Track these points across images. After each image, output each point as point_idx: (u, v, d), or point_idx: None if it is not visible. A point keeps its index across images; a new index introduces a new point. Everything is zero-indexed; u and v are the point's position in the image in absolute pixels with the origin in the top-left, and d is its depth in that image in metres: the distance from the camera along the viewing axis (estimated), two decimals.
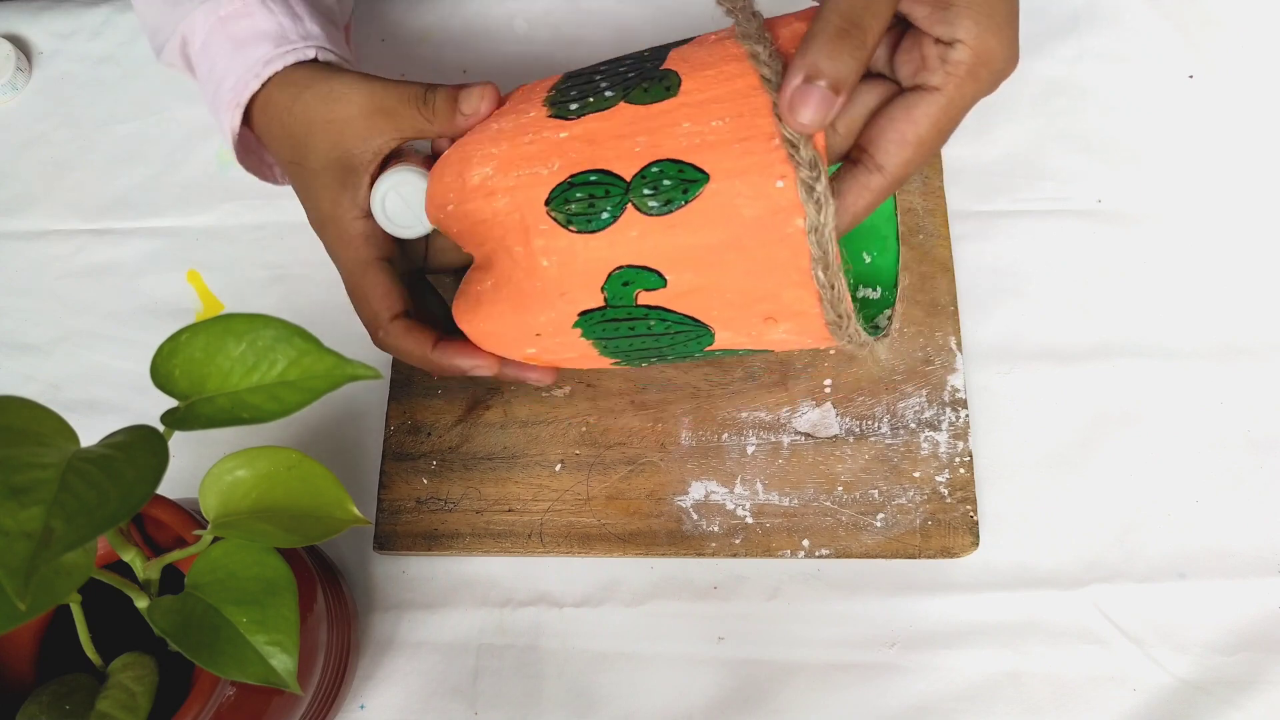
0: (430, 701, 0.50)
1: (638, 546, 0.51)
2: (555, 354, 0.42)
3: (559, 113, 0.38)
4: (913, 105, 0.35)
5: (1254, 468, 0.51)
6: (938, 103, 0.35)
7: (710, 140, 0.35)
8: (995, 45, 0.35)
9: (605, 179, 0.37)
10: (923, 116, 0.35)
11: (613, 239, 0.37)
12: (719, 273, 0.37)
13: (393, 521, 0.52)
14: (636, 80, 0.38)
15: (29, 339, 0.59)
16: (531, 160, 0.38)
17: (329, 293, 0.59)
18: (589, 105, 0.38)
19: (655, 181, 0.36)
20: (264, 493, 0.38)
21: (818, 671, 0.49)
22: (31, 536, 0.27)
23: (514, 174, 0.39)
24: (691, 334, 0.40)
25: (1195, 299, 0.55)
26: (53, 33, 0.67)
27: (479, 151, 0.40)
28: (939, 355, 0.53)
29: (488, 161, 0.39)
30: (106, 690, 0.37)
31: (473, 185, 0.39)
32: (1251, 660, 0.48)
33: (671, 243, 0.37)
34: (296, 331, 0.34)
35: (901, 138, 0.35)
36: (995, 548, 0.50)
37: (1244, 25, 0.61)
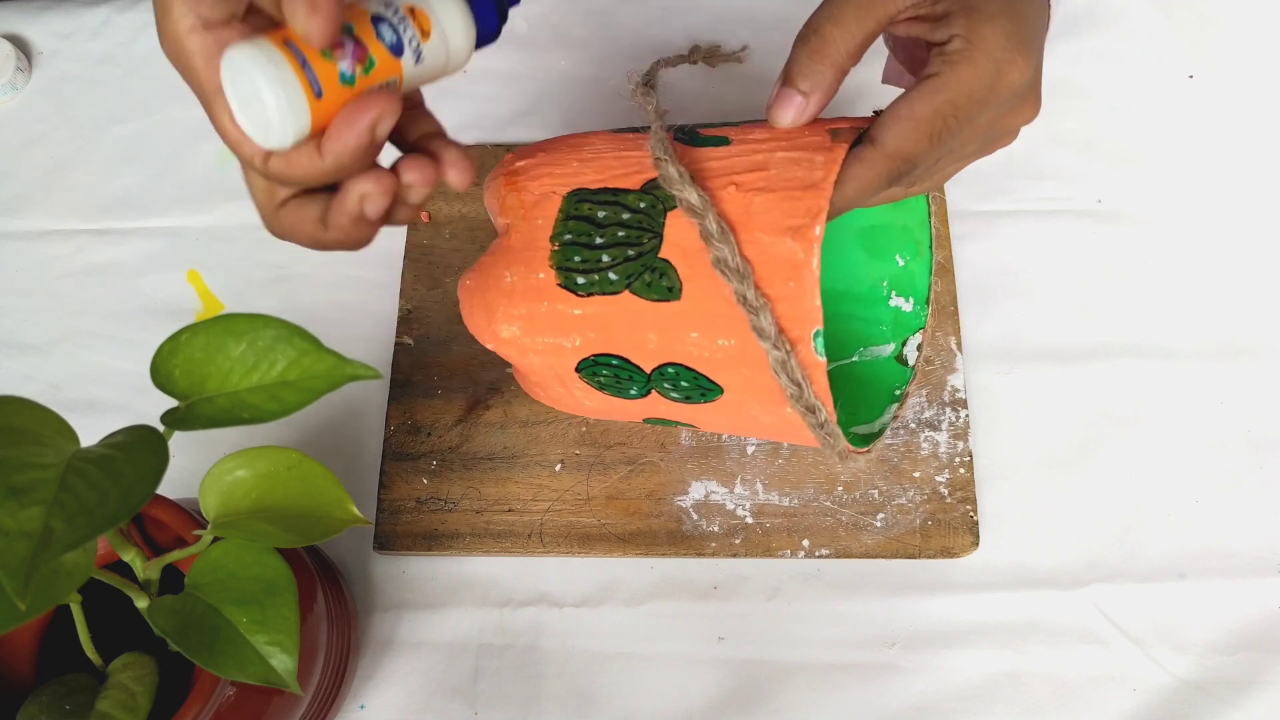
0: (430, 701, 0.50)
1: (638, 546, 0.51)
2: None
3: (567, 283, 0.40)
4: (909, 91, 0.36)
5: (1254, 468, 0.51)
6: (932, 84, 0.35)
7: (719, 359, 0.39)
8: (989, 33, 0.35)
9: (627, 365, 0.41)
10: (918, 96, 0.35)
11: (644, 405, 0.43)
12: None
13: (393, 521, 0.52)
14: (639, 267, 0.39)
15: (29, 339, 0.59)
16: (553, 330, 0.41)
17: (329, 293, 0.59)
18: (594, 284, 0.40)
19: (674, 380, 0.40)
20: (264, 493, 0.38)
21: (818, 671, 0.49)
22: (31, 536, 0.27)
23: (540, 339, 0.41)
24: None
25: (1195, 299, 0.55)
26: (53, 33, 0.67)
27: (502, 306, 0.41)
28: (939, 355, 0.53)
29: (513, 321, 0.41)
30: (106, 690, 0.37)
31: (504, 339, 0.42)
32: (1251, 660, 0.48)
33: (695, 416, 0.43)
34: (296, 331, 0.34)
35: (895, 114, 0.36)
36: (995, 548, 0.50)
37: (1244, 25, 0.61)
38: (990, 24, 0.35)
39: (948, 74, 0.35)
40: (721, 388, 0.40)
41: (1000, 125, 0.38)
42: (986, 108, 0.36)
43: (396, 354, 0.56)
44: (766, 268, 0.36)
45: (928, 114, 0.35)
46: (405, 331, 0.56)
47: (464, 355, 0.55)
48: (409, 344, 0.56)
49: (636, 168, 0.40)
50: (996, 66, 0.35)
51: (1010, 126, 0.39)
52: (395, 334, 0.56)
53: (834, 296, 0.51)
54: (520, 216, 0.42)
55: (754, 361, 0.38)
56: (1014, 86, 0.36)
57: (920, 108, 0.35)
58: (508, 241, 0.42)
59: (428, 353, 0.56)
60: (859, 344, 0.50)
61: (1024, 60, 0.36)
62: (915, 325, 0.49)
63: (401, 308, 0.57)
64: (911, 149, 0.36)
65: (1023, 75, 0.36)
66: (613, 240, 0.39)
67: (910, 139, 0.36)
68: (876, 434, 0.46)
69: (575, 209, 0.40)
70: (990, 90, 0.36)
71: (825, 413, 0.38)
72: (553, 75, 0.63)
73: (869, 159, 0.36)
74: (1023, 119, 0.39)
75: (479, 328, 0.43)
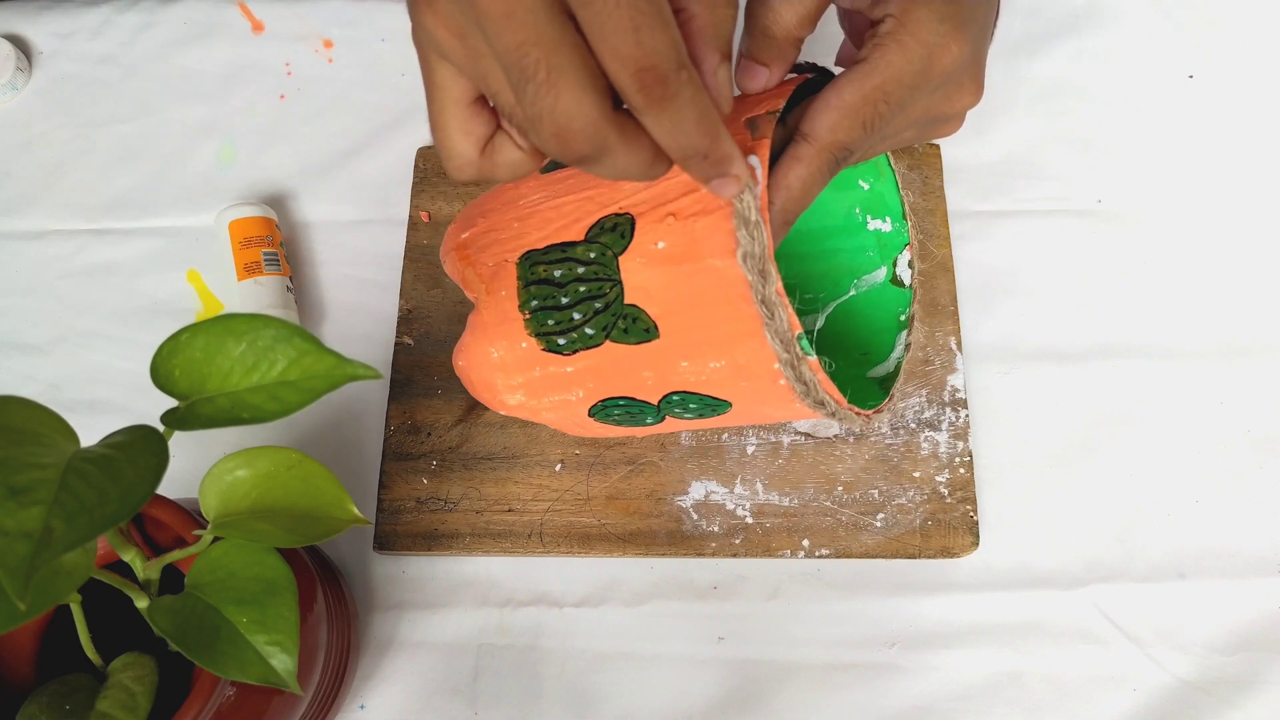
0: (430, 701, 0.50)
1: (638, 546, 0.51)
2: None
3: (550, 347, 0.40)
4: (839, 78, 0.35)
5: (1254, 468, 0.51)
6: (861, 70, 0.35)
7: (716, 379, 0.39)
8: (922, 15, 0.34)
9: (635, 403, 0.41)
10: (845, 83, 0.35)
11: (664, 426, 0.44)
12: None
13: (393, 521, 0.52)
14: (610, 317, 0.39)
15: (29, 339, 0.59)
16: (555, 389, 0.42)
17: (329, 293, 0.59)
18: (575, 341, 0.40)
19: (682, 404, 0.41)
20: (264, 493, 0.38)
21: (818, 671, 0.49)
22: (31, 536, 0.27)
23: (546, 399, 0.42)
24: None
25: (1195, 299, 0.55)
26: (53, 33, 0.67)
27: (500, 380, 0.42)
28: (939, 355, 0.53)
29: (515, 390, 0.42)
30: (106, 690, 0.37)
31: (514, 406, 0.43)
32: (1251, 660, 0.48)
33: (715, 424, 0.43)
34: (296, 331, 0.34)
35: (824, 104, 0.35)
36: (995, 548, 0.50)
37: (1244, 25, 0.61)
38: (924, 6, 0.34)
39: (876, 59, 0.34)
40: (729, 401, 0.40)
41: (936, 110, 0.37)
42: (918, 92, 0.35)
43: (396, 354, 0.56)
44: (728, 291, 0.36)
45: (857, 101, 0.34)
46: (405, 331, 0.56)
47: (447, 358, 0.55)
48: (409, 344, 0.56)
49: (573, 215, 0.39)
50: (927, 51, 0.34)
51: (948, 111, 0.38)
52: (395, 334, 0.56)
53: (811, 235, 0.50)
54: (484, 291, 0.42)
55: (749, 372, 0.38)
56: (946, 71, 0.35)
57: (849, 95, 0.34)
58: (481, 318, 0.42)
59: (428, 353, 0.56)
60: (851, 276, 0.50)
61: (957, 44, 0.35)
62: (900, 242, 0.48)
63: (401, 308, 0.57)
64: (846, 138, 0.35)
65: (955, 59, 0.35)
66: (577, 297, 0.39)
67: (844, 128, 0.35)
68: (894, 373, 0.46)
69: (531, 273, 0.40)
70: (921, 75, 0.35)
71: (833, 404, 0.38)
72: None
73: (806, 157, 0.35)
74: (961, 104, 0.38)
75: (488, 401, 0.44)
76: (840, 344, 0.49)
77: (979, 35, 0.36)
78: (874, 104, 0.35)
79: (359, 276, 0.59)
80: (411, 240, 0.59)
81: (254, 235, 0.57)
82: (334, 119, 0.63)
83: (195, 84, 0.65)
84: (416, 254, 0.58)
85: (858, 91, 0.34)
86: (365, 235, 0.60)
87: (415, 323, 0.56)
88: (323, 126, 0.63)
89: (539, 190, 0.41)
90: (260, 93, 0.64)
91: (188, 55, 0.66)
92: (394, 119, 0.63)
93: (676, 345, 0.39)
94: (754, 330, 0.36)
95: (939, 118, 0.38)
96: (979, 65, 0.37)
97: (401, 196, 0.60)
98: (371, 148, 0.62)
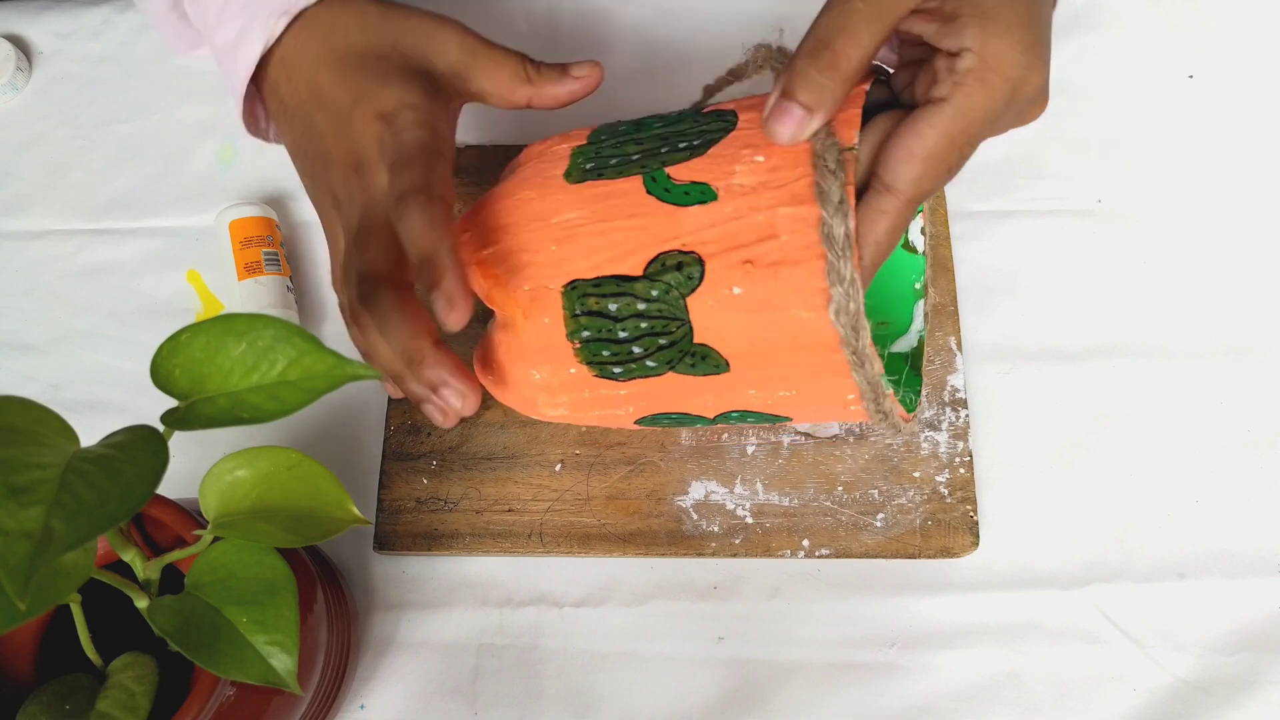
0: (430, 701, 0.50)
1: (638, 546, 0.51)
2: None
3: (604, 374, 0.39)
4: (919, 119, 0.34)
5: (1254, 468, 0.51)
6: (944, 113, 0.34)
7: (784, 404, 0.40)
8: (1005, 49, 0.33)
9: (688, 417, 0.41)
10: (928, 129, 0.34)
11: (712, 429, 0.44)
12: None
13: (393, 521, 0.52)
14: (677, 353, 0.38)
15: (29, 339, 0.59)
16: (603, 406, 0.42)
17: (329, 293, 0.59)
18: (633, 371, 0.39)
19: (740, 418, 0.41)
20: (264, 493, 0.38)
21: (818, 671, 0.49)
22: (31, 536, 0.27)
23: (592, 413, 0.43)
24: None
25: (1195, 299, 0.55)
26: (53, 33, 0.67)
27: (542, 398, 0.42)
28: (939, 355, 0.53)
29: (558, 407, 0.42)
30: (106, 690, 0.37)
31: (553, 416, 0.43)
32: (1251, 660, 0.48)
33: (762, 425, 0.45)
34: (296, 331, 0.34)
35: (908, 153, 0.34)
36: (995, 548, 0.50)
37: (1244, 25, 0.61)
38: (1005, 38, 0.33)
39: (960, 99, 0.33)
40: (790, 418, 0.41)
41: (1007, 127, 0.37)
42: (999, 124, 0.35)
43: None
44: (815, 340, 0.35)
45: (943, 148, 0.34)
46: None
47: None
48: None
49: (626, 247, 0.38)
50: (1012, 86, 0.34)
51: (1016, 126, 0.38)
52: None
53: None
54: (521, 315, 0.40)
55: (821, 400, 0.38)
56: (1028, 98, 0.34)
57: (934, 142, 0.33)
58: (520, 340, 0.41)
59: None
60: None
61: (1040, 72, 0.34)
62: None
63: None
64: (930, 187, 0.34)
65: (1036, 87, 0.34)
66: (637, 332, 0.38)
67: (929, 179, 0.34)
68: (918, 349, 0.46)
69: (581, 304, 0.38)
70: (1005, 108, 0.34)
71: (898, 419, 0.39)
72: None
73: (891, 210, 0.34)
74: (1031, 118, 0.37)
75: (524, 411, 0.45)
76: None
77: (1049, 53, 0.35)
78: (960, 147, 0.34)
79: None
80: None
81: (254, 235, 0.57)
82: None
83: (195, 84, 0.65)
84: None
85: (943, 137, 0.33)
86: None
87: None
88: None
89: (574, 208, 0.39)
90: None
91: (188, 55, 0.66)
92: None
93: (747, 378, 0.38)
94: (839, 372, 0.36)
95: (1006, 130, 0.38)
96: (1048, 78, 0.36)
97: None
98: None
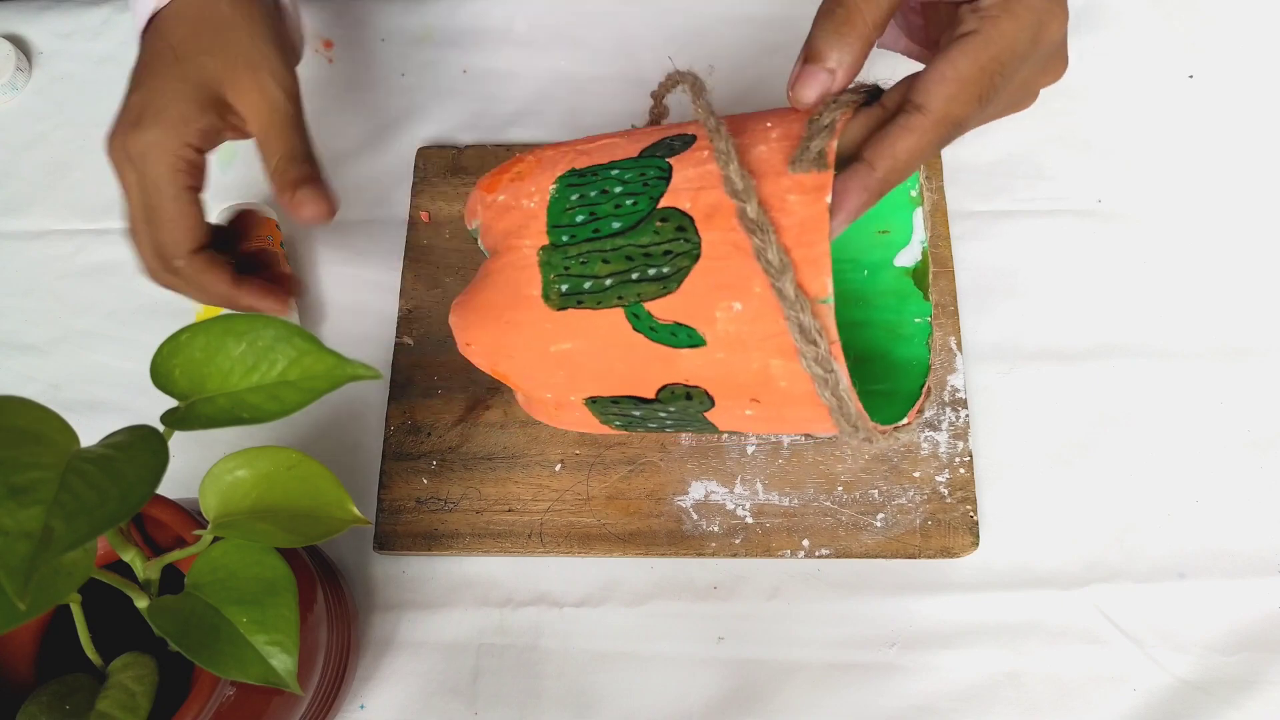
0: (430, 701, 0.50)
1: (638, 546, 0.51)
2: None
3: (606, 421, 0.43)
4: (950, 48, 0.34)
5: (1254, 468, 0.51)
6: (974, 41, 0.34)
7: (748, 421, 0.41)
8: None
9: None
10: (959, 55, 0.34)
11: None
12: None
13: (393, 521, 0.52)
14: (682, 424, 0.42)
15: (29, 339, 0.59)
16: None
17: (329, 293, 0.59)
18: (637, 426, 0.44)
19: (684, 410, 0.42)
20: (264, 493, 0.38)
21: (818, 671, 0.49)
22: (31, 536, 0.27)
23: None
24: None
25: (1195, 299, 0.55)
26: (53, 33, 0.67)
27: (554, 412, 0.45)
28: (939, 355, 0.53)
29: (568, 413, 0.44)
30: (106, 690, 0.37)
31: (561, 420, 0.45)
32: (1251, 660, 0.48)
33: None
34: (296, 331, 0.34)
35: (940, 75, 0.34)
36: (995, 548, 0.50)
37: (1244, 25, 0.61)
38: None
39: (990, 30, 0.34)
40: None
41: (1032, 84, 0.37)
42: (1027, 63, 0.35)
43: (396, 354, 0.56)
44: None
45: (974, 73, 0.34)
46: (405, 331, 0.56)
47: None
48: (409, 344, 0.56)
49: (635, 379, 0.39)
50: (1038, 19, 0.34)
51: (1039, 85, 0.38)
52: (395, 334, 0.56)
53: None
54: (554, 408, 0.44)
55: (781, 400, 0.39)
56: (1054, 40, 0.35)
57: (965, 67, 0.34)
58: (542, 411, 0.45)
59: (428, 353, 0.56)
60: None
61: (1061, 20, 0.35)
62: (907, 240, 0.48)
63: (401, 308, 0.57)
64: (961, 111, 0.34)
65: (1060, 30, 0.35)
66: (664, 422, 0.42)
67: (960, 101, 0.34)
68: (923, 264, 0.46)
69: (605, 410, 0.42)
70: (1032, 44, 0.34)
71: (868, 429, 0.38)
72: (553, 75, 0.63)
73: (919, 128, 0.34)
74: (1055, 76, 0.38)
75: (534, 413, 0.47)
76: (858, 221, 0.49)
77: (1067, 11, 0.36)
78: (990, 75, 0.34)
79: (359, 276, 0.59)
80: (411, 240, 0.59)
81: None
82: (334, 119, 0.63)
83: None
84: (416, 254, 0.58)
85: (974, 63, 0.34)
86: (365, 235, 0.60)
87: (415, 323, 0.56)
88: (323, 126, 0.63)
89: (565, 338, 0.40)
90: None
91: None
92: (394, 119, 0.63)
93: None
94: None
95: (1027, 94, 0.38)
96: (1067, 35, 0.37)
97: (401, 196, 0.60)
98: (371, 148, 0.62)
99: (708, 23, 0.64)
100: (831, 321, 0.34)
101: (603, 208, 0.39)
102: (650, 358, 0.38)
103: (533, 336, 0.40)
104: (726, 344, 0.36)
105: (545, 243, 0.40)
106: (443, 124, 0.62)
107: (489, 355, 0.42)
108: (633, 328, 0.38)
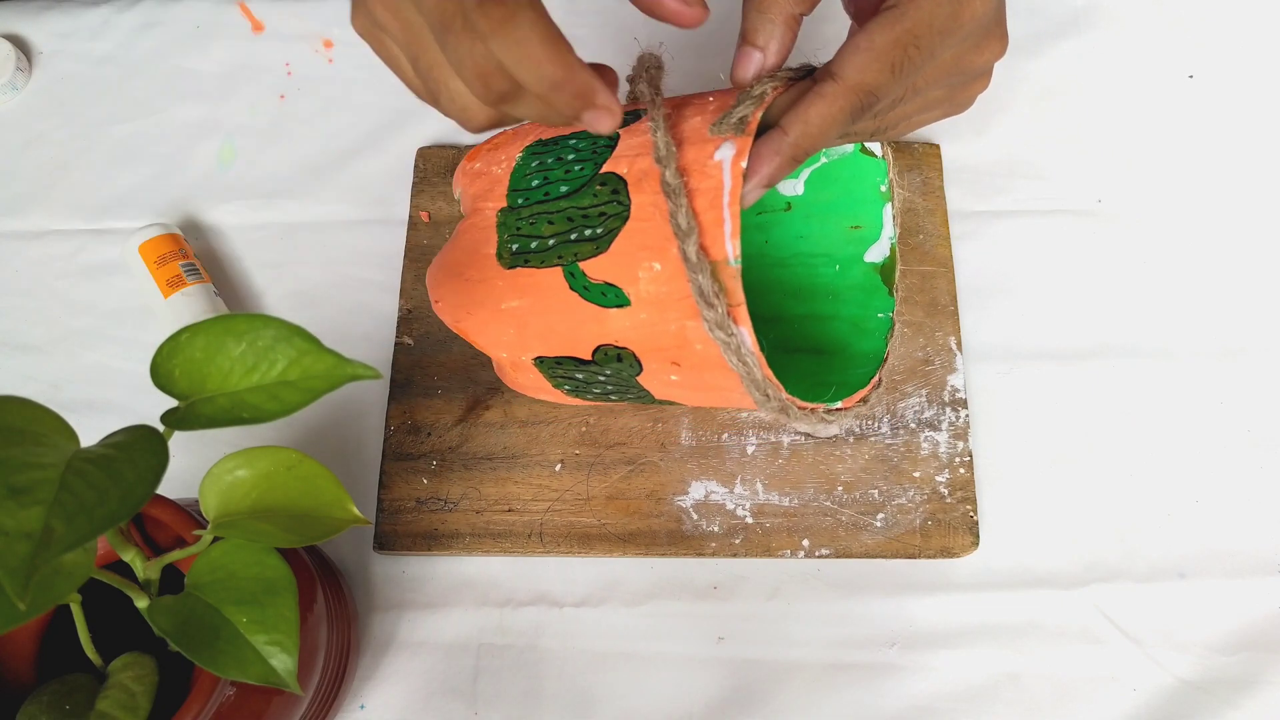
0: (430, 701, 0.50)
1: (638, 546, 0.51)
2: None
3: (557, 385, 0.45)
4: (869, 23, 0.35)
5: (1254, 468, 0.51)
6: (891, 15, 0.35)
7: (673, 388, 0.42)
8: None
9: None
10: (876, 28, 0.35)
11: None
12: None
13: (393, 521, 0.52)
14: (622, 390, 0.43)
15: (29, 339, 0.59)
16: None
17: (329, 293, 0.59)
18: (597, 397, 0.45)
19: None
20: (264, 493, 0.38)
21: (817, 671, 0.49)
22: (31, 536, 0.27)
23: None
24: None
25: (1195, 299, 0.55)
26: (53, 33, 0.67)
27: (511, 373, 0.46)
28: (939, 355, 0.53)
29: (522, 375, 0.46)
30: (106, 690, 0.37)
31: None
32: (1251, 660, 0.48)
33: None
34: (296, 331, 0.34)
35: (855, 46, 0.35)
36: (995, 548, 0.50)
37: (1243, 25, 0.61)
38: None
39: (906, 4, 0.34)
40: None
41: (966, 63, 0.37)
42: (949, 38, 0.35)
43: (396, 354, 0.56)
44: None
45: (887, 44, 0.34)
46: (405, 331, 0.56)
47: (464, 355, 0.55)
48: (409, 344, 0.56)
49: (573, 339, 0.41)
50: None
51: (978, 65, 0.38)
52: (395, 334, 0.56)
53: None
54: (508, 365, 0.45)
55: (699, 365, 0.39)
56: (977, 17, 0.35)
57: (879, 38, 0.34)
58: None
59: (428, 353, 0.56)
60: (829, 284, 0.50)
61: None
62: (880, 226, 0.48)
63: (401, 308, 0.57)
64: (873, 80, 0.35)
65: (984, 5, 0.35)
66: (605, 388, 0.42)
67: (871, 70, 0.35)
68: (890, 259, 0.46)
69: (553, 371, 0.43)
70: (951, 19, 0.35)
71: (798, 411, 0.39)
72: None
73: (830, 94, 0.35)
74: (990, 54, 0.38)
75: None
76: (829, 211, 0.49)
77: None
78: (904, 48, 0.35)
79: (359, 276, 0.59)
80: (411, 240, 0.59)
81: (166, 252, 0.56)
82: (334, 119, 0.63)
83: (195, 84, 0.65)
84: (416, 254, 0.58)
85: (888, 34, 0.34)
86: (365, 235, 0.60)
87: (415, 323, 0.56)
88: (323, 126, 0.63)
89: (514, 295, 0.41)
90: (260, 93, 0.64)
91: (188, 55, 0.66)
92: (394, 119, 0.63)
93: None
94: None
95: (968, 71, 0.38)
96: (1003, 14, 0.37)
97: (401, 196, 0.60)
98: (371, 148, 0.62)
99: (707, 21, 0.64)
100: (737, 284, 0.35)
101: (555, 173, 0.40)
102: (584, 317, 0.39)
103: (486, 293, 0.42)
104: (648, 304, 0.38)
105: (504, 205, 0.41)
106: (443, 124, 0.62)
107: (452, 311, 0.43)
108: (569, 286, 0.39)
